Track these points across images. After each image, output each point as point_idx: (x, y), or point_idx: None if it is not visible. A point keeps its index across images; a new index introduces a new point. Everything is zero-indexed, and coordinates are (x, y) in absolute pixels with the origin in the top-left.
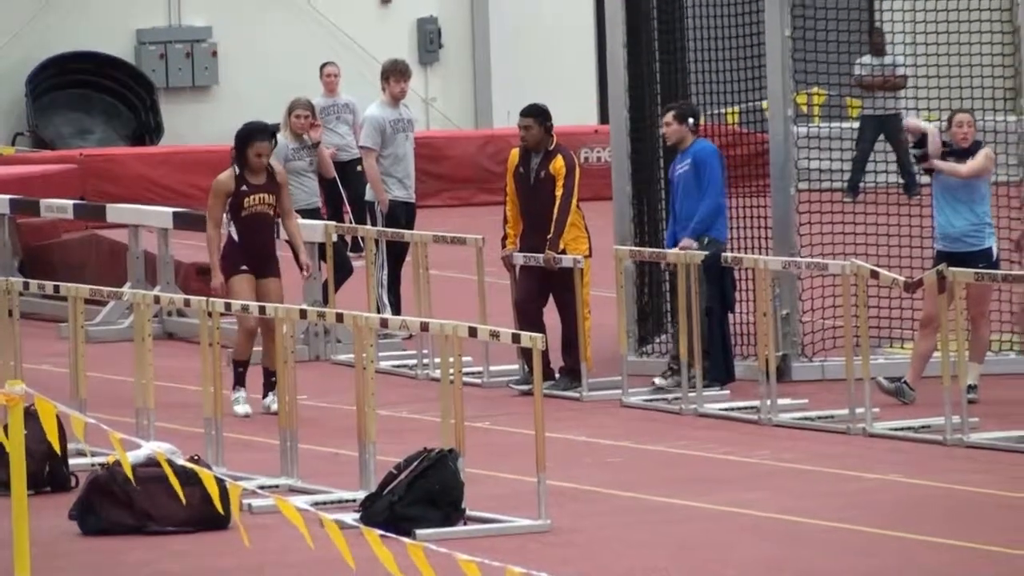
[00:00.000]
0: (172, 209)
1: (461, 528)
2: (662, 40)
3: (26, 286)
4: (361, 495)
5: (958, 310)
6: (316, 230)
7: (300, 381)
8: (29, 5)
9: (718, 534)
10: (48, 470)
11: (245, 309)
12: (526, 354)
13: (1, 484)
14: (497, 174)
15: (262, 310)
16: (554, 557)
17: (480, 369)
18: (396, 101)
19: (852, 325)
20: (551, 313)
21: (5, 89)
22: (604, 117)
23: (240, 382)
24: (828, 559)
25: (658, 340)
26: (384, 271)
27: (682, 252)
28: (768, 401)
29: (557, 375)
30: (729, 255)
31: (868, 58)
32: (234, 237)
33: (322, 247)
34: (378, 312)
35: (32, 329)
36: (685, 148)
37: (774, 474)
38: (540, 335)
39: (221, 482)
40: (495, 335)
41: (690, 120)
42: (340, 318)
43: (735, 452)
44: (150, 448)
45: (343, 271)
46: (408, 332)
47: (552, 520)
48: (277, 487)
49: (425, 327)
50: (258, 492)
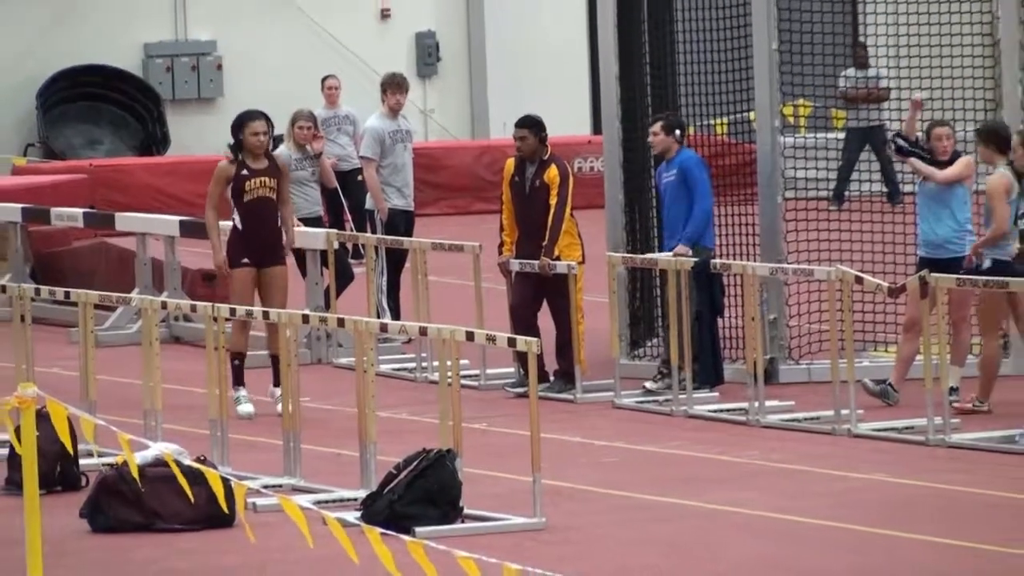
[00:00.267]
0: (179, 218)
1: (459, 526)
2: (653, 54)
3: (37, 292)
4: (362, 494)
5: (940, 315)
6: (318, 238)
7: (303, 384)
8: (40, 21)
9: (709, 532)
10: (59, 470)
11: (249, 315)
12: (522, 358)
13: (14, 484)
14: (493, 183)
15: (266, 315)
16: (549, 554)
17: (477, 372)
18: (394, 113)
19: (837, 329)
20: (546, 318)
21: (17, 102)
22: (597, 128)
23: (239, 379)
24: (817, 556)
25: (649, 344)
26: (384, 277)
27: (673, 259)
28: (756, 403)
29: (552, 378)
30: (718, 261)
31: (852, 71)
32: (238, 226)
33: (324, 254)
34: (378, 317)
35: (43, 334)
36: (671, 158)
37: (763, 474)
38: (535, 339)
39: (226, 481)
40: (492, 339)
41: (676, 132)
42: (341, 323)
43: (725, 452)
44: (158, 449)
45: (344, 277)
46: (407, 336)
47: (547, 518)
48: (281, 486)
49: (424, 331)
50: (262, 491)
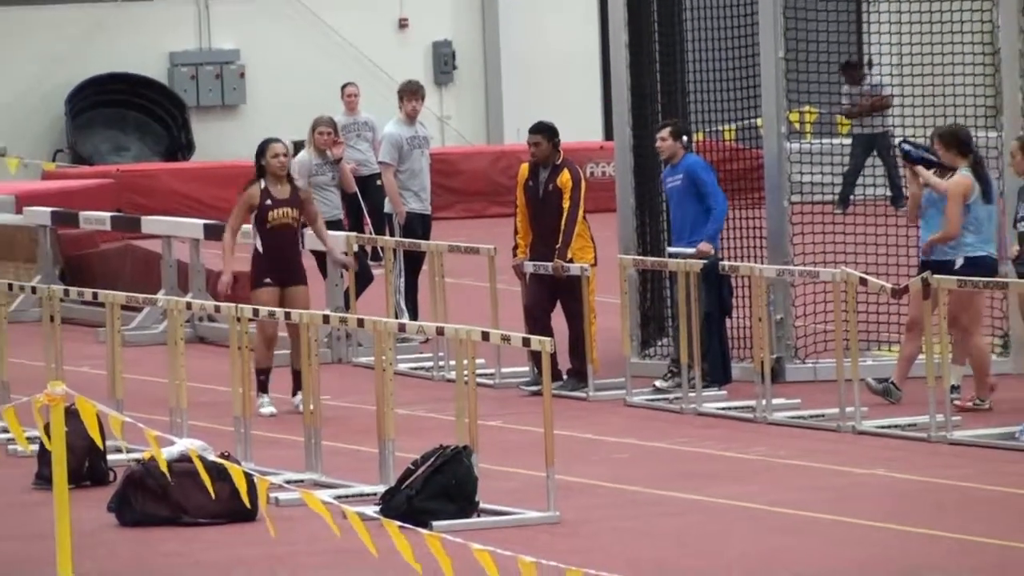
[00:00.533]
0: (203, 221)
1: (475, 520)
2: (663, 62)
3: (66, 293)
4: (381, 489)
5: (941, 315)
6: (338, 241)
7: (323, 382)
8: (69, 30)
9: (717, 526)
10: (88, 465)
11: (272, 315)
12: (536, 357)
13: (44, 479)
14: (508, 188)
15: (287, 315)
16: (562, 547)
17: (493, 371)
18: (412, 119)
19: (842, 329)
20: (559, 318)
21: (46, 109)
22: (609, 134)
23: (263, 389)
24: (822, 549)
25: (660, 343)
26: (402, 279)
27: (683, 261)
28: (763, 401)
29: (565, 376)
30: (726, 263)
31: (847, 88)
32: (259, 249)
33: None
34: (396, 317)
35: (72, 333)
36: (676, 163)
37: (769, 469)
38: (549, 339)
39: (250, 477)
40: (507, 339)
41: (684, 138)
42: (361, 323)
43: (732, 449)
44: (183, 445)
45: (364, 279)
46: (425, 336)
47: (560, 512)
48: (302, 481)
49: (441, 331)
50: (284, 486)
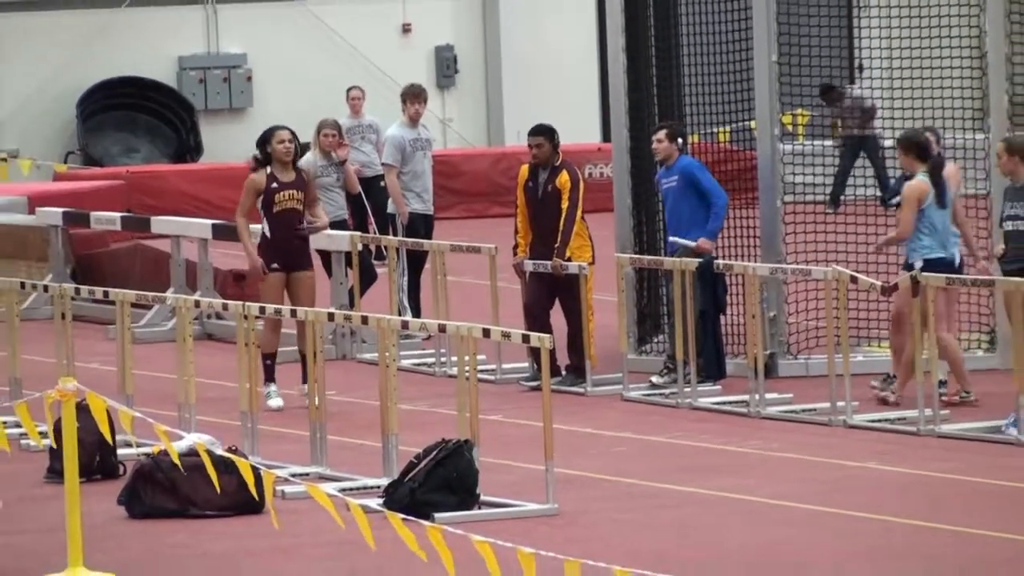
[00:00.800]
0: (211, 221)
1: (476, 512)
2: (659, 66)
3: (77, 291)
4: (384, 482)
5: (930, 312)
6: (343, 240)
7: (328, 378)
8: (80, 35)
9: (712, 517)
10: (98, 459)
11: (278, 312)
12: (535, 353)
13: (55, 472)
14: (508, 188)
15: (293, 312)
16: (561, 539)
17: (493, 367)
18: (414, 122)
19: (834, 326)
20: (558, 315)
21: (58, 112)
22: (606, 136)
23: (270, 376)
24: (814, 540)
25: (656, 340)
26: (405, 277)
27: (678, 260)
28: (757, 396)
29: (563, 372)
30: (721, 262)
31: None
32: (267, 234)
33: (349, 256)
34: (400, 315)
35: (83, 331)
36: (671, 165)
37: (763, 462)
38: (548, 336)
39: (256, 470)
40: (507, 336)
41: (679, 140)
42: (365, 320)
43: (727, 442)
44: (191, 439)
45: (368, 277)
46: (427, 333)
47: (559, 505)
48: (308, 475)
49: (443, 328)
50: (290, 479)
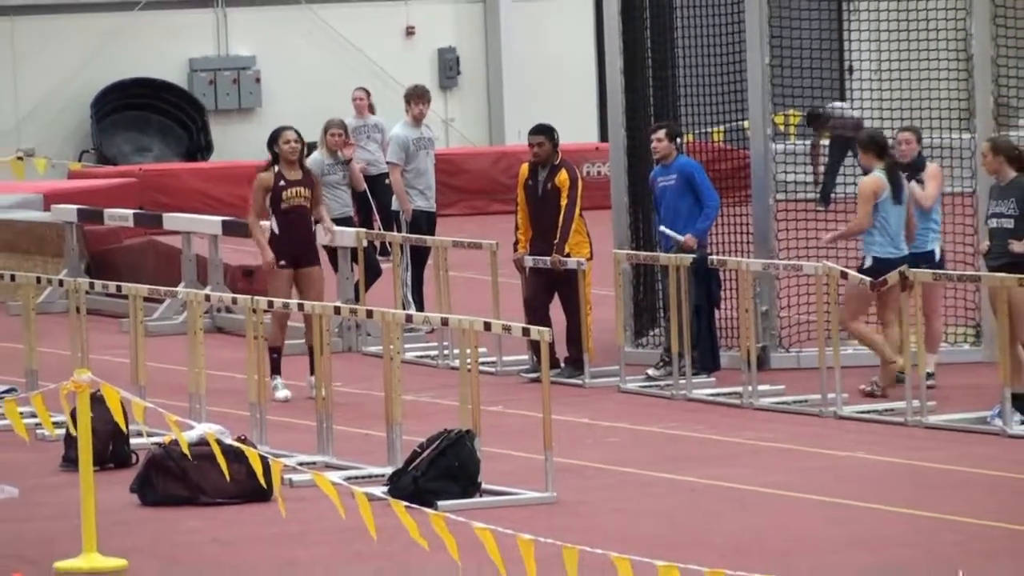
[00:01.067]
0: (221, 218)
1: (477, 500)
2: (655, 68)
3: (91, 286)
4: (389, 471)
5: (917, 306)
6: (348, 236)
7: (335, 370)
8: (94, 37)
9: (707, 505)
10: (111, 448)
11: (285, 307)
12: (535, 346)
13: (70, 461)
14: (509, 186)
15: (301, 306)
16: (560, 526)
17: (494, 359)
18: (418, 122)
19: (824, 320)
20: (557, 309)
21: (73, 112)
22: (604, 136)
23: (276, 369)
24: (805, 527)
25: (652, 333)
26: (409, 272)
27: (674, 256)
28: (750, 387)
29: (562, 364)
30: (715, 257)
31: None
32: (275, 231)
33: (354, 252)
34: (403, 309)
35: (97, 324)
36: (669, 163)
37: (756, 452)
38: (547, 329)
39: (265, 459)
40: (507, 329)
41: (677, 139)
42: (370, 314)
43: (721, 433)
44: (202, 429)
45: (372, 272)
46: (430, 326)
47: (558, 493)
48: (314, 464)
49: (445, 322)
50: (298, 468)
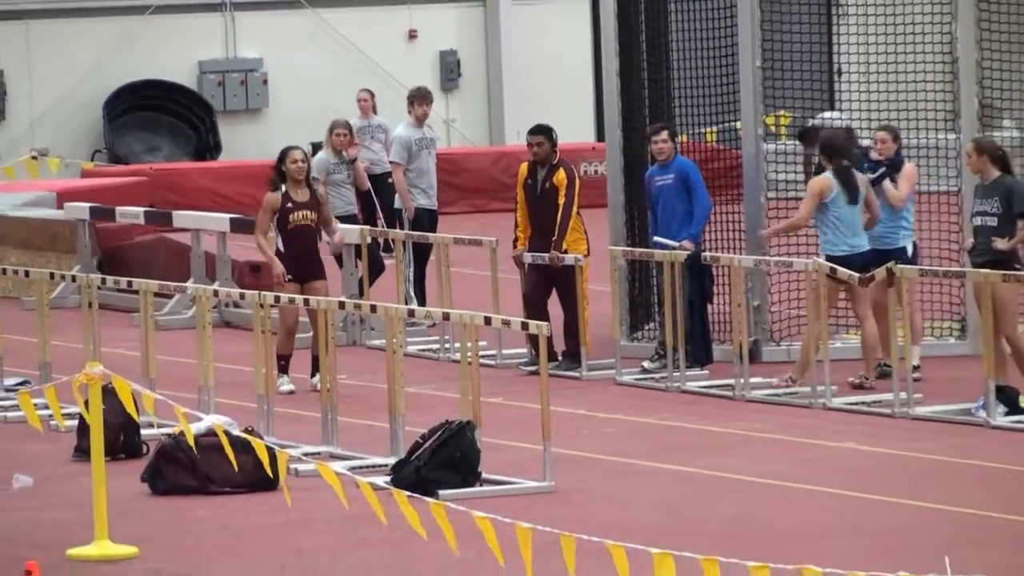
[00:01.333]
0: (229, 215)
1: (478, 489)
2: (650, 70)
3: (103, 281)
4: (391, 461)
5: (904, 300)
6: (353, 233)
7: (339, 363)
8: (106, 40)
9: (700, 494)
10: (123, 439)
11: (292, 301)
12: (533, 339)
13: (82, 451)
14: (508, 185)
15: (306, 302)
16: (558, 514)
17: (494, 352)
18: (420, 122)
19: (814, 315)
20: (555, 304)
21: (86, 113)
22: (600, 136)
23: (283, 371)
24: (796, 515)
25: (647, 327)
26: (411, 269)
27: (668, 252)
28: (742, 380)
29: (560, 357)
30: (708, 254)
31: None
32: (280, 248)
33: (358, 248)
34: (406, 304)
35: (108, 318)
36: (668, 163)
37: (748, 443)
38: (545, 323)
39: (271, 450)
40: (507, 323)
41: (676, 140)
42: (374, 309)
43: (714, 424)
44: (210, 420)
45: (376, 268)
46: (432, 321)
47: (556, 482)
48: (319, 454)
49: (447, 316)
50: (303, 458)
